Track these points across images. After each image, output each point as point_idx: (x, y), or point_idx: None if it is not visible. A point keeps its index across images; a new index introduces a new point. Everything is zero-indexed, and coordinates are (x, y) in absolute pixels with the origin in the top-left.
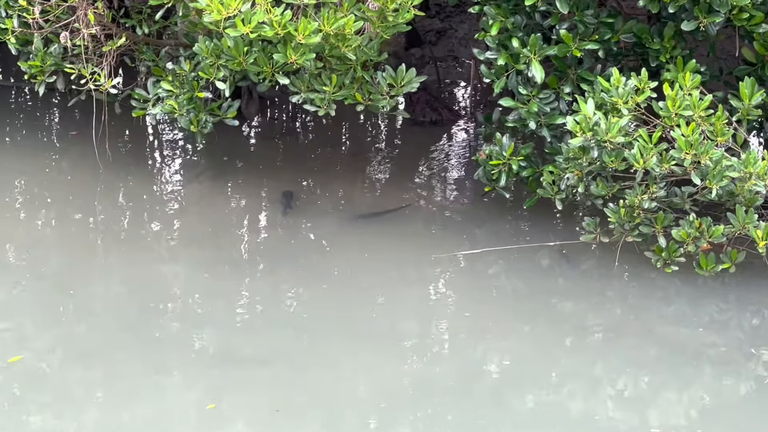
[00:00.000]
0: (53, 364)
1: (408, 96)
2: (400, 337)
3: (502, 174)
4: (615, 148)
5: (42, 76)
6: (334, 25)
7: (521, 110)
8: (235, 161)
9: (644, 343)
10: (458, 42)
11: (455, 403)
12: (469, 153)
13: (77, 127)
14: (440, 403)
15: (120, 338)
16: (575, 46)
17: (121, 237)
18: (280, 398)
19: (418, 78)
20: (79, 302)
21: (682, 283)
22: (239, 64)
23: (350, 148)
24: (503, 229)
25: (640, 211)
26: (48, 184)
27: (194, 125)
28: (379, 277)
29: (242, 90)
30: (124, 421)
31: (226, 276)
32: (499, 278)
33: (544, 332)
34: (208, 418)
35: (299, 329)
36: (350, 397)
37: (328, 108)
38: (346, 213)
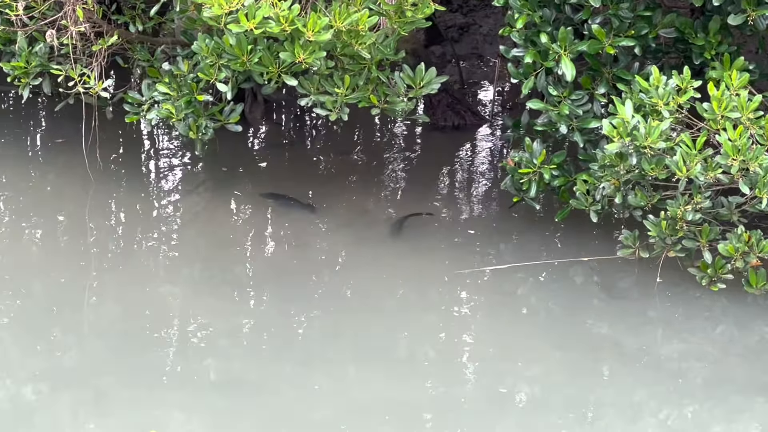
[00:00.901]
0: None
1: (428, 98)
2: (419, 363)
3: (532, 183)
4: (655, 154)
5: (26, 78)
6: (347, 21)
7: (551, 113)
8: (237, 171)
9: (688, 369)
10: (483, 39)
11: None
12: (496, 160)
13: (64, 134)
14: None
15: (112, 365)
16: (609, 43)
17: (114, 254)
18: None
19: (439, 78)
20: (68, 326)
21: (729, 303)
22: (242, 63)
23: (364, 156)
24: (532, 243)
25: (683, 224)
26: (33, 197)
27: (193, 131)
28: (396, 296)
29: (246, 92)
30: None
31: (228, 296)
32: (528, 297)
33: (578, 357)
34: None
35: (308, 354)
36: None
37: (341, 112)
38: (360, 226)
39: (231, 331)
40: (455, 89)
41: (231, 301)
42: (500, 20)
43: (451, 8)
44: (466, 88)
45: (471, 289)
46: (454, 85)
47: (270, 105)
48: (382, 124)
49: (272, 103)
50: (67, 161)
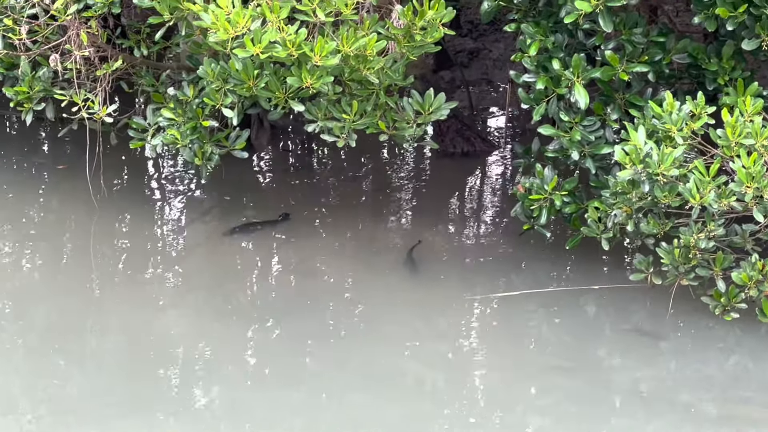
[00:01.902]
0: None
1: (437, 124)
2: (429, 393)
3: (542, 210)
4: (668, 181)
5: (29, 103)
6: (355, 45)
7: (563, 139)
8: (243, 198)
9: (701, 400)
10: (493, 64)
11: None
12: (505, 187)
13: (68, 159)
14: None
15: (116, 395)
16: (622, 68)
17: (118, 282)
18: None
19: (448, 104)
20: (71, 354)
21: (743, 333)
22: (248, 89)
23: (372, 183)
24: (543, 271)
25: (696, 252)
26: (36, 224)
27: (198, 157)
28: (404, 323)
29: (252, 118)
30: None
31: (233, 325)
32: (540, 327)
33: (590, 389)
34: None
35: (315, 383)
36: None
37: (348, 138)
38: (367, 254)
39: (236, 359)
40: (464, 115)
41: (236, 329)
42: (510, 45)
43: (460, 33)
44: (476, 113)
45: (481, 317)
46: (463, 111)
47: (276, 131)
48: (391, 150)
49: (279, 129)
50: (71, 187)
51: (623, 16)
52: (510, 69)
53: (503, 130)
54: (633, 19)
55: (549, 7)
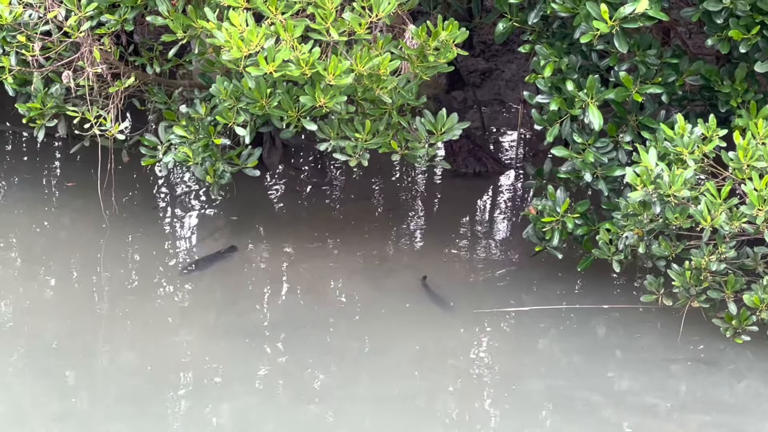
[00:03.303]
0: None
1: (449, 144)
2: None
3: (554, 232)
4: (679, 203)
5: (42, 119)
6: (368, 65)
7: (576, 161)
8: (255, 216)
9: (712, 423)
10: (505, 84)
11: None
12: (517, 208)
13: (79, 176)
14: None
15: (125, 412)
16: (636, 90)
17: (128, 301)
18: None
19: (461, 124)
20: (81, 372)
21: (754, 356)
22: (261, 107)
23: (384, 203)
24: (553, 292)
25: (707, 274)
26: (47, 241)
27: (210, 175)
28: (414, 344)
29: (264, 137)
30: None
31: (243, 344)
32: (551, 349)
33: (600, 411)
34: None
35: (325, 403)
36: None
37: (361, 157)
38: (379, 274)
39: (246, 379)
40: (477, 135)
41: (246, 348)
42: (523, 66)
43: (473, 53)
44: (488, 134)
45: (491, 336)
46: (475, 131)
47: (288, 149)
48: (402, 170)
49: (291, 148)
50: (82, 204)
51: (637, 37)
52: (523, 89)
53: (515, 150)
54: (647, 41)
55: (563, 29)
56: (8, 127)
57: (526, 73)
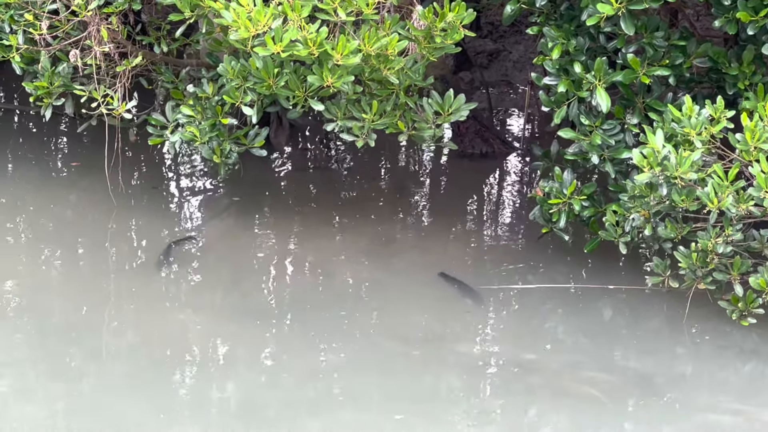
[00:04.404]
0: (58, 421)
1: (456, 125)
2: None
3: (561, 214)
4: (686, 185)
5: (49, 98)
6: (376, 45)
7: (583, 142)
8: (262, 196)
9: (717, 405)
10: (513, 65)
11: None
12: (523, 189)
13: (86, 156)
14: None
15: (131, 391)
16: (643, 72)
17: (135, 280)
18: None
19: (468, 105)
20: (87, 351)
21: (760, 339)
22: (268, 87)
23: (391, 183)
24: (560, 273)
25: (713, 256)
26: (54, 220)
27: (217, 155)
28: (420, 324)
29: (271, 116)
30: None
31: (250, 324)
32: (556, 329)
33: (605, 393)
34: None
35: (331, 384)
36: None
37: (368, 138)
38: (385, 255)
39: (252, 359)
40: (484, 116)
41: (253, 328)
42: (530, 47)
43: (480, 34)
44: (495, 115)
45: (497, 317)
46: (482, 113)
47: (295, 130)
48: (409, 150)
49: (297, 128)
50: (89, 184)
51: (644, 19)
52: (530, 71)
53: (522, 132)
54: (654, 23)
55: (571, 11)
56: (15, 106)
57: (534, 55)
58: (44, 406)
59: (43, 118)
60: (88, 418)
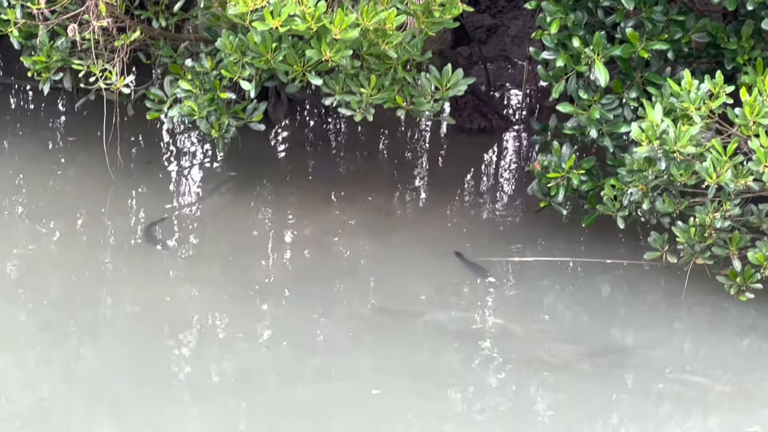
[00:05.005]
0: (56, 396)
1: (454, 100)
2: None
3: (559, 188)
4: (685, 159)
5: (47, 73)
6: (374, 19)
7: (581, 117)
8: (260, 171)
9: (715, 381)
10: (511, 40)
11: None
12: (521, 163)
13: (84, 131)
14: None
15: (129, 365)
16: (642, 47)
17: (133, 255)
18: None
19: (466, 80)
20: (85, 326)
21: (758, 314)
22: (266, 61)
23: (389, 158)
24: (558, 248)
25: (712, 231)
26: (52, 196)
27: (215, 129)
28: (418, 298)
29: (269, 91)
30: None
31: (248, 298)
32: (554, 304)
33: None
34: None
35: (329, 358)
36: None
37: (366, 112)
38: (384, 230)
39: (250, 333)
40: (482, 91)
41: (251, 302)
42: (529, 22)
43: (479, 9)
44: (493, 90)
45: (495, 291)
46: (480, 87)
47: (293, 104)
48: (407, 125)
49: (296, 103)
50: (87, 158)
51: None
52: (528, 46)
53: (520, 106)
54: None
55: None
56: (13, 81)
57: (532, 29)
58: (41, 380)
59: (42, 93)
60: (85, 392)
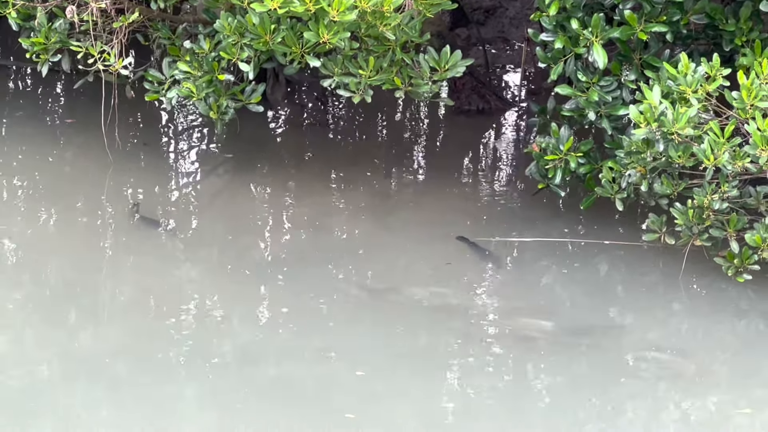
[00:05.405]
0: (55, 376)
1: (452, 81)
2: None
3: (557, 170)
4: (683, 141)
5: (45, 54)
6: (372, 1)
7: (579, 99)
8: (258, 152)
9: (713, 361)
10: (509, 22)
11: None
12: (520, 145)
13: (83, 113)
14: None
15: (127, 348)
16: (640, 29)
17: (132, 236)
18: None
19: (464, 61)
20: (83, 308)
21: (756, 295)
22: (265, 43)
23: (387, 139)
24: (556, 229)
25: (709, 213)
26: (51, 177)
27: (214, 111)
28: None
29: (268, 73)
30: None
31: (246, 280)
32: (553, 288)
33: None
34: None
35: (327, 340)
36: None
37: (364, 94)
38: (382, 211)
39: (249, 315)
40: (480, 73)
41: (249, 284)
42: (527, 3)
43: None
44: (491, 71)
45: (493, 273)
46: (479, 69)
47: (292, 86)
48: (406, 106)
49: (294, 84)
50: (86, 140)
51: None
52: (527, 27)
53: (519, 88)
54: None
55: None
56: (12, 63)
57: (530, 11)
58: (40, 361)
59: (40, 75)
60: (84, 373)
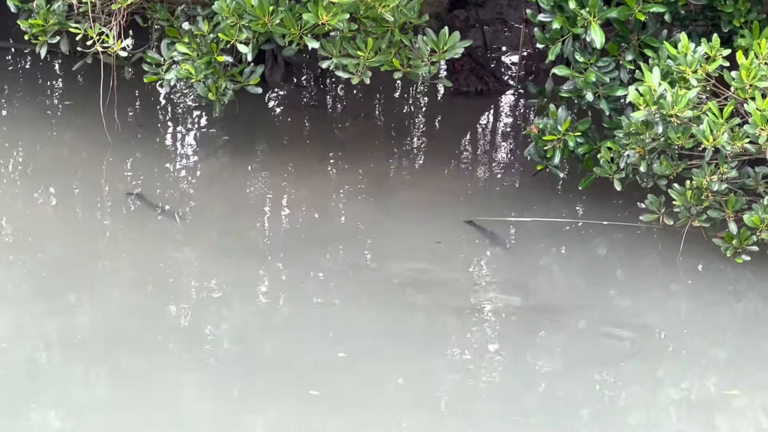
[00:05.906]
0: (53, 358)
1: (450, 63)
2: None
3: (556, 151)
4: (682, 122)
5: (44, 36)
6: None
7: (577, 80)
8: (257, 134)
9: (711, 343)
10: (507, 3)
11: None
12: (518, 127)
13: (82, 95)
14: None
15: (126, 331)
16: (639, 9)
17: (130, 218)
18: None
19: (463, 43)
20: (82, 291)
21: (754, 276)
22: (264, 25)
23: (386, 121)
24: (555, 210)
25: (708, 194)
26: (49, 159)
27: (212, 93)
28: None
29: (266, 54)
30: (130, 423)
31: (244, 264)
32: (551, 269)
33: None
34: (223, 420)
35: (325, 324)
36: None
37: (363, 75)
38: (380, 194)
39: (247, 299)
40: (478, 54)
41: (248, 268)
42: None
43: None
44: (490, 53)
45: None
46: (477, 50)
47: (291, 67)
48: (404, 88)
49: (293, 66)
50: (84, 122)
51: None
52: (525, 8)
53: (517, 69)
54: None
55: None
56: (10, 44)
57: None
58: (38, 343)
59: (39, 56)
60: (81, 355)
